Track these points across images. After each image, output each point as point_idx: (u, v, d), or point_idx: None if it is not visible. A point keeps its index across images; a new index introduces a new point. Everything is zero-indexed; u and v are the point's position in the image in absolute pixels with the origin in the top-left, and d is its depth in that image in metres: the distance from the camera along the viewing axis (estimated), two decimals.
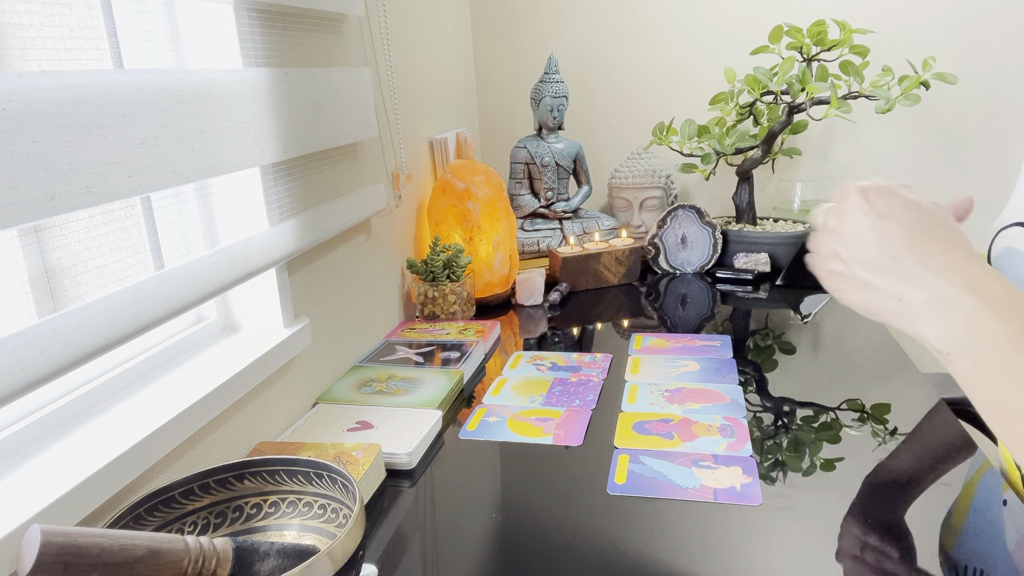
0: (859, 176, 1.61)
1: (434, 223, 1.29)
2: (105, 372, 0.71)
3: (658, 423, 0.84)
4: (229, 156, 0.70)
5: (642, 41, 1.66)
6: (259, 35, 0.79)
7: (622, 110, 1.71)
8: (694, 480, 0.72)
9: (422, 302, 1.22)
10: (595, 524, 0.66)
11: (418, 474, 0.77)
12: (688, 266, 1.48)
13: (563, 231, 1.50)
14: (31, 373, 0.50)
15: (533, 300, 1.32)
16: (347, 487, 0.64)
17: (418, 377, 0.97)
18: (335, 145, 0.91)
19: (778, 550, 0.61)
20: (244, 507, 0.67)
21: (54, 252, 0.62)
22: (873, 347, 1.03)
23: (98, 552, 0.47)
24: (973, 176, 1.55)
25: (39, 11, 0.61)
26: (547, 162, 1.49)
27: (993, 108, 1.51)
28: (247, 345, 0.82)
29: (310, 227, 0.87)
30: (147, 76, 0.60)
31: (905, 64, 1.39)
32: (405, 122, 1.23)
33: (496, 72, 1.76)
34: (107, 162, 0.55)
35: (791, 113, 1.37)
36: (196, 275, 0.68)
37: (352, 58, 1.03)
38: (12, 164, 0.47)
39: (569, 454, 0.79)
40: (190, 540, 0.54)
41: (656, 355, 1.05)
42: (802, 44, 1.36)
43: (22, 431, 0.60)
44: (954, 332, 0.46)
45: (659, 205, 1.56)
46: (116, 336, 0.58)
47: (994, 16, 1.46)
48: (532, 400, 0.92)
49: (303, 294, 0.92)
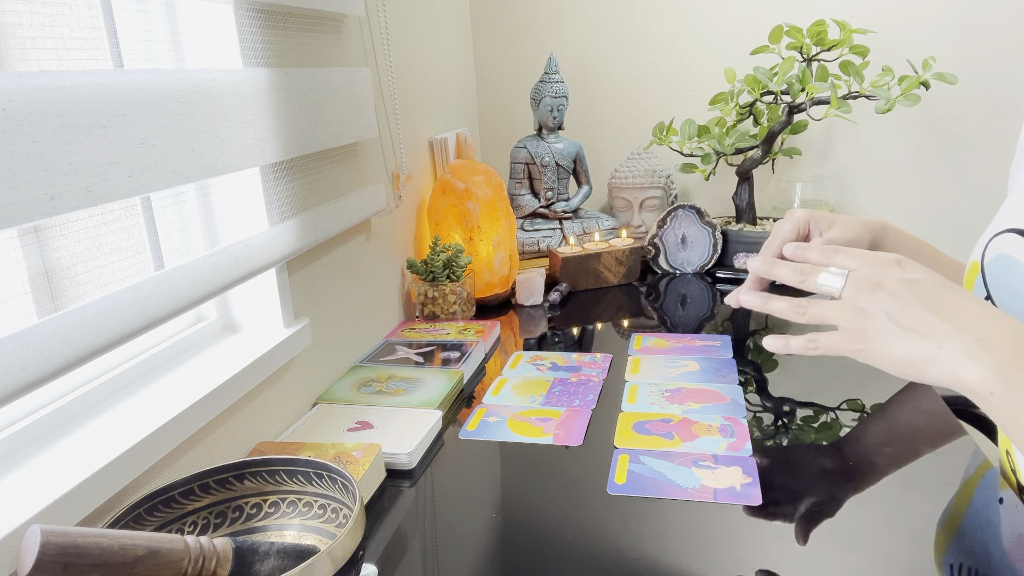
0: (860, 176, 1.61)
1: (434, 223, 1.29)
2: (105, 372, 0.71)
3: (658, 423, 0.84)
4: (229, 156, 0.70)
5: (642, 41, 1.66)
6: (259, 35, 0.79)
7: (622, 110, 1.71)
8: (694, 480, 0.72)
9: (422, 302, 1.22)
10: (595, 524, 0.66)
11: (418, 474, 0.77)
12: (688, 266, 1.48)
13: (563, 231, 1.50)
14: (31, 373, 0.50)
15: (533, 300, 1.32)
16: (347, 487, 0.64)
17: (418, 377, 0.97)
18: (335, 145, 0.91)
19: (778, 550, 0.61)
20: (244, 507, 0.67)
21: (54, 252, 0.62)
22: None
23: (98, 552, 0.47)
24: (973, 176, 1.55)
25: (39, 11, 0.61)
26: (547, 162, 1.49)
27: (993, 108, 1.51)
28: (247, 345, 0.82)
29: (310, 227, 0.87)
30: (147, 76, 0.60)
31: (905, 64, 1.39)
32: (405, 122, 1.23)
33: (496, 72, 1.76)
34: (107, 162, 0.55)
35: (791, 113, 1.37)
36: (196, 275, 0.68)
37: (352, 58, 1.03)
38: (12, 164, 0.47)
39: (569, 454, 0.79)
40: (190, 540, 0.54)
41: (656, 355, 1.05)
42: (802, 44, 1.36)
43: (22, 431, 0.60)
44: (996, 373, 0.49)
45: (659, 205, 1.56)
46: (116, 336, 0.58)
47: (994, 16, 1.46)
48: (532, 400, 0.92)
49: (303, 294, 0.92)
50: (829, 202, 1.54)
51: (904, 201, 1.60)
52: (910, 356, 0.53)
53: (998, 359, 0.49)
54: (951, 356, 0.51)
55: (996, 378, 0.49)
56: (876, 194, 1.62)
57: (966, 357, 0.50)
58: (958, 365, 0.51)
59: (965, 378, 0.50)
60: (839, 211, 1.64)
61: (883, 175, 1.60)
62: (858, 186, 1.63)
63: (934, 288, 0.54)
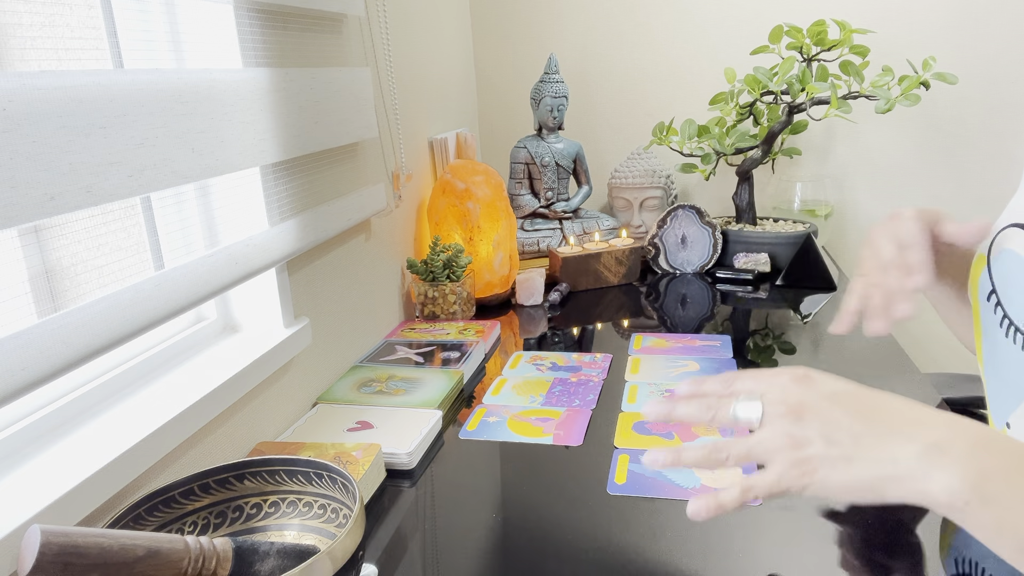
0: (860, 176, 1.61)
1: (434, 223, 1.29)
2: (105, 372, 0.71)
3: (658, 423, 0.84)
4: (229, 156, 0.70)
5: (642, 41, 1.66)
6: (259, 35, 0.79)
7: (622, 110, 1.71)
8: (694, 480, 0.72)
9: (422, 302, 1.22)
10: (595, 524, 0.66)
11: (418, 474, 0.77)
12: (688, 266, 1.48)
13: (563, 231, 1.50)
14: (31, 373, 0.50)
15: (533, 300, 1.32)
16: (347, 487, 0.64)
17: (418, 377, 0.97)
18: (335, 145, 0.91)
19: (778, 550, 0.61)
20: (244, 507, 0.67)
21: (54, 252, 0.62)
22: (873, 347, 1.03)
23: (98, 552, 0.47)
24: (973, 176, 1.55)
25: (39, 11, 0.61)
26: (547, 162, 1.49)
27: (993, 108, 1.51)
28: (247, 345, 0.82)
29: (310, 227, 0.87)
30: (147, 76, 0.60)
31: (905, 64, 1.39)
32: (405, 122, 1.23)
33: (496, 72, 1.76)
34: (107, 162, 0.55)
35: (791, 113, 1.37)
36: (196, 275, 0.68)
37: (352, 58, 1.03)
38: (12, 164, 0.47)
39: (569, 454, 0.79)
40: (190, 540, 0.54)
41: (656, 355, 1.05)
42: (802, 44, 1.36)
43: (22, 431, 0.60)
44: (964, 479, 0.43)
45: (659, 205, 1.56)
46: (116, 336, 0.58)
47: (994, 16, 1.46)
48: (532, 400, 0.92)
49: (303, 294, 0.92)
50: (829, 202, 1.54)
51: (904, 201, 1.60)
52: (863, 479, 0.46)
53: (960, 463, 0.43)
54: (910, 470, 0.44)
55: (965, 486, 0.42)
56: (876, 194, 1.62)
57: (926, 467, 0.44)
58: (920, 479, 0.44)
59: (932, 491, 0.43)
60: (839, 211, 1.64)
61: (883, 175, 1.60)
62: (858, 186, 1.63)
63: (860, 398, 0.49)
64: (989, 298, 0.62)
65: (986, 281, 0.63)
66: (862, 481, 0.46)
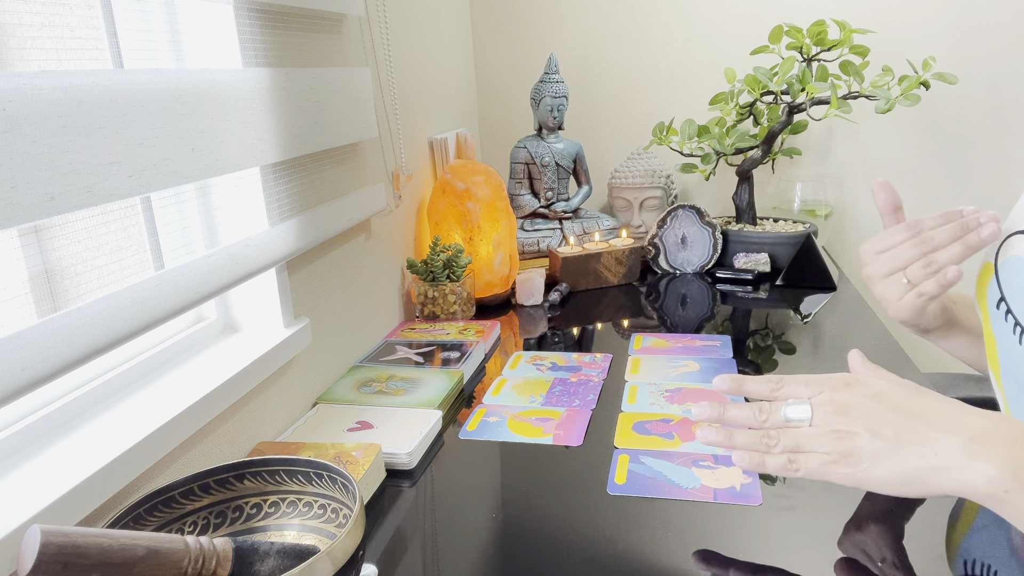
0: (860, 176, 1.61)
1: (434, 223, 1.29)
2: (105, 372, 0.71)
3: (658, 423, 0.84)
4: (229, 156, 0.70)
5: (642, 41, 1.66)
6: (259, 35, 0.79)
7: (622, 110, 1.71)
8: (694, 480, 0.72)
9: (422, 302, 1.22)
10: (595, 524, 0.66)
11: (418, 474, 0.77)
12: (688, 266, 1.48)
13: (563, 231, 1.50)
14: (31, 373, 0.50)
15: (533, 300, 1.32)
16: (347, 487, 0.64)
17: (418, 377, 0.97)
18: (335, 145, 0.91)
19: (778, 550, 0.61)
20: (244, 507, 0.67)
21: (54, 252, 0.62)
22: (873, 347, 1.03)
23: (98, 552, 0.47)
24: (973, 176, 1.55)
25: (39, 11, 0.61)
26: (547, 162, 1.49)
27: (993, 108, 1.51)
28: (247, 345, 0.82)
29: (310, 227, 0.87)
30: (147, 76, 0.60)
31: (905, 64, 1.39)
32: (405, 122, 1.23)
33: (496, 72, 1.76)
34: (107, 162, 0.55)
35: (791, 113, 1.37)
36: (196, 275, 0.68)
37: (352, 58, 1.03)
38: (12, 164, 0.47)
39: (569, 454, 0.79)
40: (190, 540, 0.54)
41: (656, 355, 1.05)
42: (802, 44, 1.36)
43: (22, 431, 0.60)
44: (1003, 468, 0.46)
45: (659, 205, 1.56)
46: (116, 336, 0.58)
47: (994, 16, 1.46)
48: (532, 400, 0.92)
49: (303, 294, 0.92)
50: (829, 202, 1.54)
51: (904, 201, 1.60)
52: (907, 470, 0.49)
53: (999, 453, 0.46)
54: (952, 461, 0.47)
55: (1006, 474, 0.46)
56: None
57: (967, 459, 0.47)
58: (962, 469, 0.47)
59: (972, 481, 0.47)
60: (839, 211, 1.64)
61: (883, 175, 1.60)
62: (858, 186, 1.63)
63: (904, 395, 0.52)
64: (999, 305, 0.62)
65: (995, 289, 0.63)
66: (906, 472, 0.49)
